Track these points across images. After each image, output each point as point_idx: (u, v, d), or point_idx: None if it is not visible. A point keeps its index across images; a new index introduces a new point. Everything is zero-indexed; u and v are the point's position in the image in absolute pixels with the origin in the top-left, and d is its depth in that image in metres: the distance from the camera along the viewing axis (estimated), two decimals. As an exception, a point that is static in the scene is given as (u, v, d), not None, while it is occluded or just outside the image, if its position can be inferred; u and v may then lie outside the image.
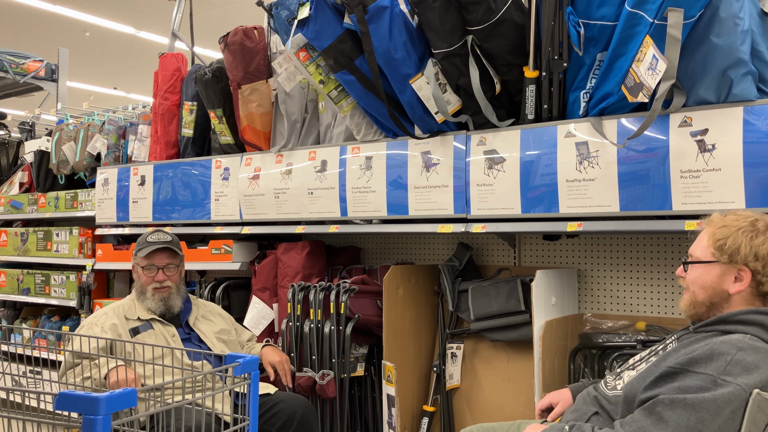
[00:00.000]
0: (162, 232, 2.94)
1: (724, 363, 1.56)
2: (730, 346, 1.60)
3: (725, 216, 1.81)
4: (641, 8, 2.17)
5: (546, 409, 2.11)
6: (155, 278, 2.82)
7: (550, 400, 2.11)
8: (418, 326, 3.05)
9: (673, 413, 1.54)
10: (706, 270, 1.78)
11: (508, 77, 2.62)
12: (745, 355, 1.57)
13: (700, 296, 1.79)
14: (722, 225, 1.78)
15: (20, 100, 7.61)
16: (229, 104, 3.48)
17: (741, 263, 1.72)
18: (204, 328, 2.87)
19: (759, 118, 2.13)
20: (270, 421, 2.68)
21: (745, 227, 1.74)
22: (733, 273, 1.74)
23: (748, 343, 1.60)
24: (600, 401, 1.84)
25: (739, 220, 1.77)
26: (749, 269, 1.72)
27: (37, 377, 3.57)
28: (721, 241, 1.75)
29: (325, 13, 2.70)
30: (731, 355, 1.57)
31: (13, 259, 5.11)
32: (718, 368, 1.56)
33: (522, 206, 2.58)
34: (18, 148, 5.93)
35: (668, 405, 1.56)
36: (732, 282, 1.74)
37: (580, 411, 1.87)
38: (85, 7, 9.91)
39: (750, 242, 1.72)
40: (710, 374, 1.56)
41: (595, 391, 1.89)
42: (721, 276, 1.75)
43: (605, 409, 1.81)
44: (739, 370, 1.55)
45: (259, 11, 3.07)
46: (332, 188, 3.11)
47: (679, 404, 1.54)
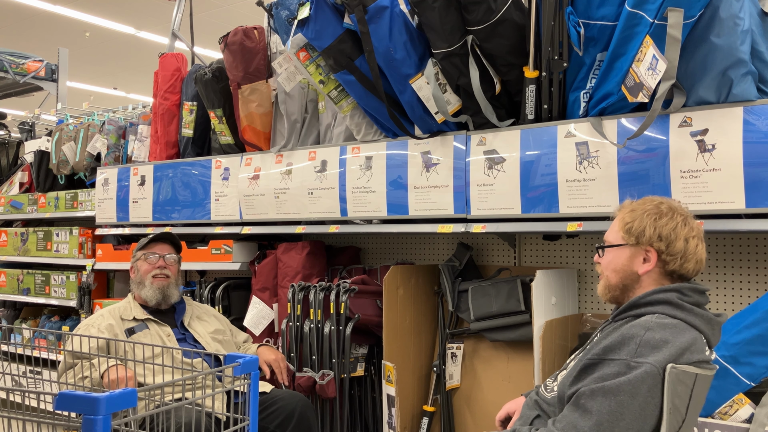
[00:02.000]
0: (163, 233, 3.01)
1: (634, 346, 1.63)
2: (639, 328, 1.66)
3: (635, 201, 1.89)
4: (641, 8, 2.17)
5: (504, 419, 2.13)
6: (156, 265, 2.86)
7: (507, 409, 2.13)
8: (418, 326, 3.05)
9: (595, 402, 1.60)
10: (617, 253, 1.84)
11: (508, 77, 2.62)
12: (653, 334, 1.64)
13: (613, 279, 1.84)
14: (631, 210, 1.85)
15: (20, 100, 7.61)
16: (229, 104, 3.48)
17: (647, 244, 1.79)
18: (199, 329, 2.88)
19: (759, 118, 2.12)
20: (268, 418, 2.69)
21: (650, 210, 1.81)
22: (641, 254, 1.80)
23: (655, 322, 1.67)
24: (540, 404, 1.90)
25: (645, 204, 1.84)
26: (654, 249, 1.78)
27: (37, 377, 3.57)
28: (629, 224, 1.82)
29: (325, 13, 2.70)
30: (640, 337, 1.64)
31: (13, 259, 5.11)
32: (630, 351, 1.63)
33: (522, 206, 2.58)
34: (18, 148, 5.93)
35: (590, 395, 1.62)
36: (641, 263, 1.80)
37: (524, 416, 1.93)
38: (85, 7, 9.91)
39: (654, 223, 1.78)
40: (624, 359, 1.62)
41: (536, 396, 1.95)
42: (631, 258, 1.81)
43: (545, 411, 1.87)
44: (649, 349, 1.62)
45: (259, 11, 3.07)
46: (332, 188, 3.11)
47: (599, 392, 1.61)
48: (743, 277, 2.53)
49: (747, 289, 2.52)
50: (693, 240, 1.78)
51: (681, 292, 1.74)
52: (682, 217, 1.80)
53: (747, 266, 2.53)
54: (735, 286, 2.55)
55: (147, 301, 2.84)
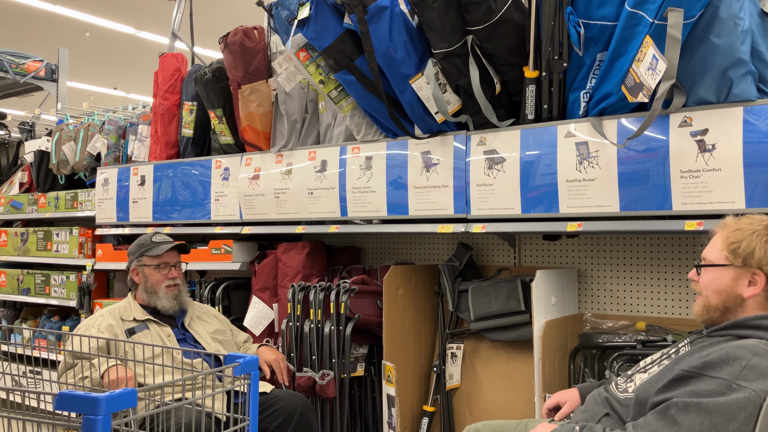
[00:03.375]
0: (161, 233, 2.99)
1: (739, 368, 1.55)
2: (746, 350, 1.59)
3: (739, 219, 1.79)
4: (641, 8, 2.17)
5: (553, 408, 2.10)
6: (169, 276, 2.84)
7: (558, 399, 2.10)
8: (418, 326, 3.05)
9: (687, 417, 1.53)
10: (719, 274, 1.76)
11: (508, 77, 2.62)
12: (760, 361, 1.56)
13: (713, 301, 1.76)
14: (736, 228, 1.76)
15: (20, 100, 7.61)
16: (229, 104, 3.48)
17: (755, 267, 1.71)
18: (199, 329, 2.88)
19: (759, 118, 2.12)
20: (268, 418, 2.69)
21: (759, 231, 1.73)
22: (747, 277, 1.72)
23: (763, 349, 1.59)
24: (611, 403, 1.83)
25: (754, 224, 1.75)
26: (764, 273, 1.70)
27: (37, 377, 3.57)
28: (735, 244, 1.73)
29: (325, 13, 2.70)
30: (746, 360, 1.56)
31: (13, 259, 5.11)
32: (733, 373, 1.55)
33: (522, 206, 2.58)
34: (18, 148, 5.93)
35: (682, 408, 1.55)
36: (746, 286, 1.72)
37: (590, 411, 1.86)
38: (85, 7, 9.91)
39: (765, 246, 1.70)
40: (725, 379, 1.55)
41: (606, 393, 1.88)
42: (735, 280, 1.73)
43: (616, 411, 1.80)
44: (755, 375, 1.54)
45: (259, 11, 3.07)
46: (332, 188, 3.11)
47: (693, 408, 1.53)
48: (743, 277, 2.53)
49: (747, 289, 2.52)
50: None
51: None
52: None
53: (747, 266, 2.52)
54: (735, 286, 2.54)
55: (162, 311, 2.83)
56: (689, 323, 2.62)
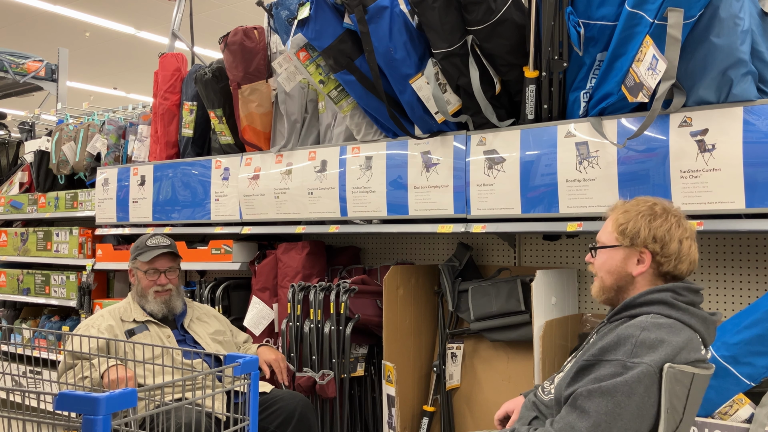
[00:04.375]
0: (159, 236, 2.95)
1: (630, 346, 1.63)
2: (634, 328, 1.67)
3: (627, 202, 1.89)
4: (641, 8, 2.17)
5: (503, 418, 2.13)
6: (158, 282, 2.82)
7: (506, 409, 2.14)
8: (418, 326, 3.05)
9: (592, 403, 1.61)
10: (611, 255, 1.84)
11: (508, 77, 2.62)
12: (648, 334, 1.64)
13: (607, 281, 1.85)
14: (624, 210, 1.85)
15: (20, 100, 7.61)
16: (229, 104, 3.48)
17: (641, 246, 1.79)
18: (199, 330, 2.88)
19: (759, 118, 2.12)
20: (269, 418, 2.69)
21: (644, 211, 1.81)
22: (635, 255, 1.80)
23: (650, 322, 1.67)
24: (538, 406, 1.91)
25: (639, 205, 1.84)
26: (649, 251, 1.78)
27: (37, 377, 3.57)
28: (623, 225, 1.82)
29: (325, 13, 2.70)
30: (636, 337, 1.64)
31: (13, 259, 5.11)
32: (626, 352, 1.63)
33: (522, 206, 2.58)
34: (18, 148, 5.93)
35: (587, 396, 1.62)
36: (635, 264, 1.81)
37: (523, 417, 1.94)
38: (85, 7, 9.91)
39: (648, 225, 1.79)
40: (620, 359, 1.63)
41: (534, 397, 1.95)
42: (625, 259, 1.82)
43: (543, 413, 1.88)
44: (645, 349, 1.62)
45: (259, 11, 3.07)
46: (332, 188, 3.11)
47: (596, 393, 1.61)
48: (743, 277, 2.53)
49: (747, 289, 2.52)
50: (687, 241, 1.79)
51: (675, 292, 1.74)
52: (676, 218, 1.80)
53: (747, 266, 2.53)
54: (735, 286, 2.55)
55: (152, 314, 2.81)
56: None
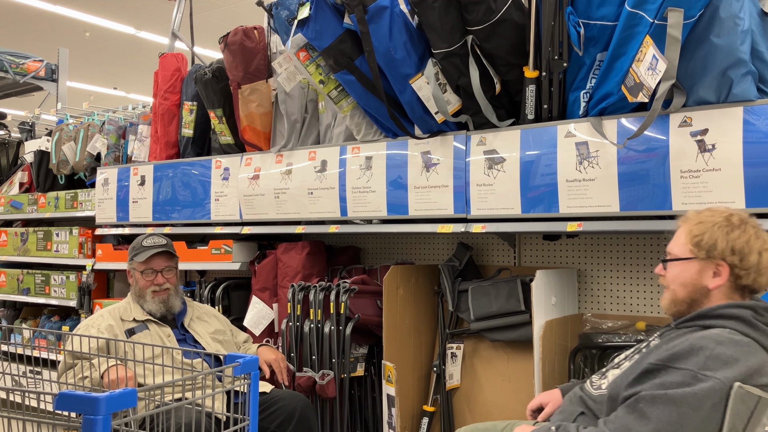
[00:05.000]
0: (156, 235, 2.95)
1: (703, 358, 1.58)
2: (709, 340, 1.61)
3: (700, 212, 1.83)
4: (641, 8, 2.17)
5: (536, 409, 2.12)
6: (155, 282, 2.83)
7: (541, 400, 2.11)
8: (418, 326, 3.05)
9: (655, 409, 1.56)
10: (685, 267, 1.79)
11: (508, 77, 2.62)
12: (724, 349, 1.59)
13: (680, 294, 1.80)
14: (698, 221, 1.80)
15: (20, 100, 7.60)
16: (229, 104, 3.48)
17: (719, 258, 1.74)
18: (199, 329, 2.88)
19: (759, 118, 2.12)
20: (269, 418, 2.69)
21: (720, 222, 1.76)
22: (712, 268, 1.75)
23: (726, 337, 1.62)
24: (585, 401, 1.86)
25: (715, 216, 1.79)
26: (727, 264, 1.73)
27: (37, 377, 3.57)
28: (698, 237, 1.77)
29: (325, 13, 2.70)
30: (710, 350, 1.59)
31: (13, 259, 5.11)
32: (698, 363, 1.58)
33: (522, 206, 2.58)
34: (18, 148, 5.93)
35: (650, 401, 1.58)
36: (711, 277, 1.76)
37: (567, 411, 1.88)
38: (85, 7, 9.91)
39: (726, 237, 1.73)
40: (690, 369, 1.57)
41: (581, 392, 1.90)
42: (700, 272, 1.76)
43: (591, 408, 1.82)
44: (719, 364, 1.57)
45: (259, 11, 3.07)
46: (332, 188, 3.11)
47: (660, 400, 1.56)
48: (743, 277, 2.53)
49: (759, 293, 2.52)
50: (766, 253, 1.73)
51: (756, 311, 1.68)
52: (754, 230, 1.75)
53: (747, 266, 2.52)
54: (735, 286, 2.54)
55: (151, 314, 2.81)
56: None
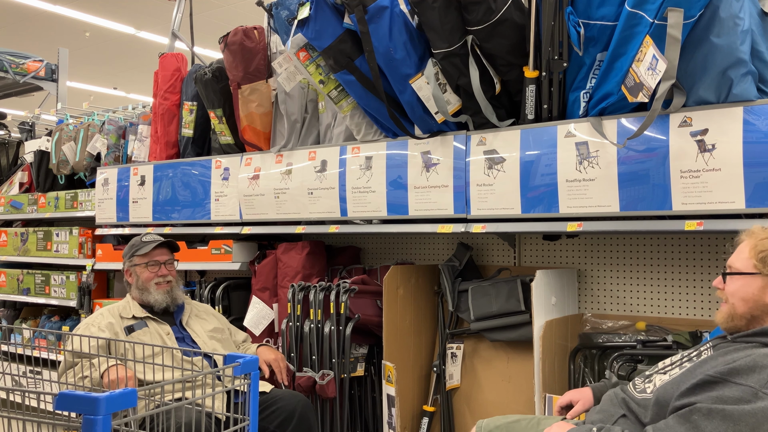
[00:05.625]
0: (151, 234, 3.02)
1: (766, 376, 1.53)
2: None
3: (767, 228, 1.78)
4: (641, 8, 2.17)
5: (565, 406, 2.09)
6: (158, 273, 2.86)
7: (570, 398, 2.08)
8: (418, 326, 3.05)
9: (710, 423, 1.51)
10: (747, 282, 1.73)
11: (508, 77, 2.62)
12: None
13: (740, 309, 1.74)
14: (764, 237, 1.74)
15: (20, 100, 7.60)
16: (229, 104, 3.48)
17: None
18: (196, 327, 2.89)
19: (759, 118, 2.12)
20: (269, 418, 2.69)
21: None
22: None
23: None
24: (628, 404, 1.81)
25: None
26: None
27: (37, 377, 3.57)
28: (764, 252, 1.72)
29: (325, 13, 2.70)
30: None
31: (13, 259, 5.11)
32: (760, 381, 1.53)
33: (522, 206, 2.58)
34: (18, 148, 5.93)
35: (705, 414, 1.53)
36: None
37: (606, 412, 1.84)
38: (85, 7, 9.91)
39: None
40: (751, 386, 1.52)
41: (623, 393, 1.85)
42: (763, 288, 1.71)
43: (633, 412, 1.78)
44: None
45: (259, 11, 3.07)
46: (332, 188, 3.11)
47: (717, 414, 1.51)
48: (743, 277, 2.53)
49: (747, 289, 2.52)
50: None
51: None
52: None
53: (747, 266, 2.52)
54: (735, 286, 2.54)
55: (155, 306, 2.84)
56: (689, 323, 2.62)
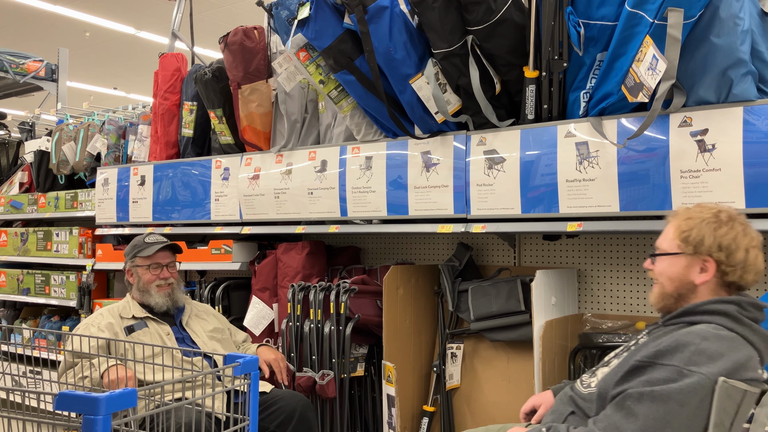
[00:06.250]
0: (154, 234, 3.00)
1: (689, 353, 1.59)
2: (695, 336, 1.63)
3: (690, 208, 1.85)
4: (641, 8, 2.17)
5: (530, 412, 2.12)
6: (160, 275, 2.86)
7: (533, 403, 2.12)
8: (418, 326, 3.05)
9: (642, 406, 1.57)
10: (672, 262, 1.80)
11: (508, 77, 2.62)
12: (709, 345, 1.60)
13: (668, 288, 1.81)
14: (687, 217, 1.81)
15: (20, 100, 7.61)
16: (229, 104, 3.48)
17: (705, 254, 1.75)
18: (196, 328, 2.89)
19: (759, 118, 2.12)
20: (268, 418, 2.69)
21: (708, 218, 1.77)
22: (699, 264, 1.77)
23: (711, 333, 1.63)
24: (575, 400, 1.86)
25: (703, 212, 1.80)
26: (714, 260, 1.74)
27: (37, 377, 3.57)
28: (686, 232, 1.78)
29: (325, 13, 2.70)
30: (696, 345, 1.60)
31: (13, 259, 5.11)
32: (684, 359, 1.59)
33: (522, 206, 2.58)
34: (18, 148, 5.93)
35: (637, 398, 1.59)
36: (698, 273, 1.77)
37: (558, 412, 1.89)
38: (85, 7, 9.91)
39: (713, 233, 1.75)
40: (676, 365, 1.58)
41: (571, 391, 1.91)
42: (687, 267, 1.78)
43: (581, 407, 1.83)
44: (704, 359, 1.58)
45: (259, 11, 3.07)
46: (332, 188, 3.11)
47: (647, 397, 1.57)
48: (743, 277, 2.53)
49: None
50: (753, 250, 1.74)
51: (741, 306, 1.69)
52: (742, 227, 1.75)
53: (747, 266, 2.52)
54: (735, 286, 2.54)
55: (156, 308, 2.84)
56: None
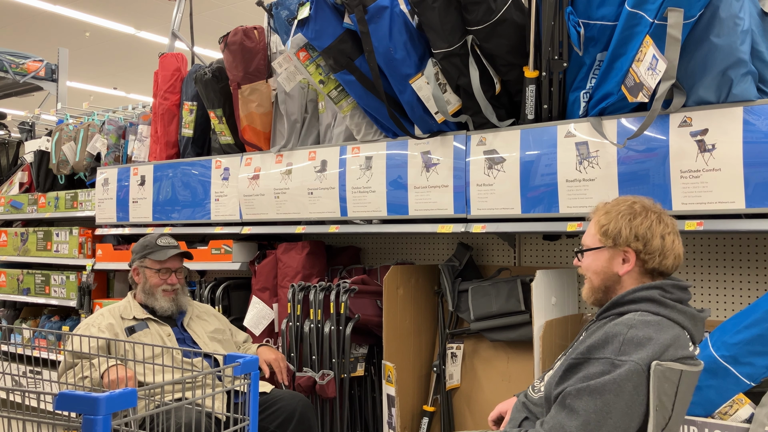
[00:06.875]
0: (166, 236, 2.99)
1: (618, 344, 1.64)
2: (622, 326, 1.68)
3: (608, 203, 1.90)
4: (641, 8, 2.17)
5: (496, 419, 2.14)
6: (168, 281, 2.85)
7: (500, 410, 2.14)
8: (418, 326, 3.05)
9: (582, 402, 1.61)
10: (596, 256, 1.87)
11: (508, 77, 2.62)
12: (636, 332, 1.65)
13: (595, 282, 1.87)
14: (605, 212, 1.87)
15: (20, 100, 7.61)
16: (229, 104, 3.48)
17: (624, 245, 1.81)
18: (197, 329, 2.89)
19: (759, 118, 2.12)
20: (268, 418, 2.69)
21: (623, 211, 1.84)
22: (620, 255, 1.83)
23: (638, 320, 1.68)
24: (528, 406, 1.92)
25: (619, 205, 1.86)
26: (632, 249, 1.80)
27: (37, 377, 3.57)
28: (605, 226, 1.85)
29: (325, 13, 2.70)
30: (624, 335, 1.65)
31: (13, 259, 5.11)
32: (614, 350, 1.64)
33: (522, 206, 2.58)
34: (18, 148, 5.93)
35: (575, 395, 1.63)
36: (620, 264, 1.83)
37: (513, 419, 1.95)
38: (85, 7, 9.91)
39: (629, 224, 1.81)
40: (608, 357, 1.63)
41: (524, 398, 1.96)
42: (610, 260, 1.84)
43: (533, 413, 1.89)
44: (633, 347, 1.63)
45: (259, 11, 3.07)
46: (332, 188, 3.11)
47: (585, 392, 1.62)
48: (743, 277, 2.53)
49: (747, 289, 2.52)
50: (669, 236, 1.80)
51: (663, 289, 1.75)
52: (656, 215, 1.82)
53: (747, 266, 2.53)
54: (735, 286, 2.55)
55: (159, 311, 2.84)
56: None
